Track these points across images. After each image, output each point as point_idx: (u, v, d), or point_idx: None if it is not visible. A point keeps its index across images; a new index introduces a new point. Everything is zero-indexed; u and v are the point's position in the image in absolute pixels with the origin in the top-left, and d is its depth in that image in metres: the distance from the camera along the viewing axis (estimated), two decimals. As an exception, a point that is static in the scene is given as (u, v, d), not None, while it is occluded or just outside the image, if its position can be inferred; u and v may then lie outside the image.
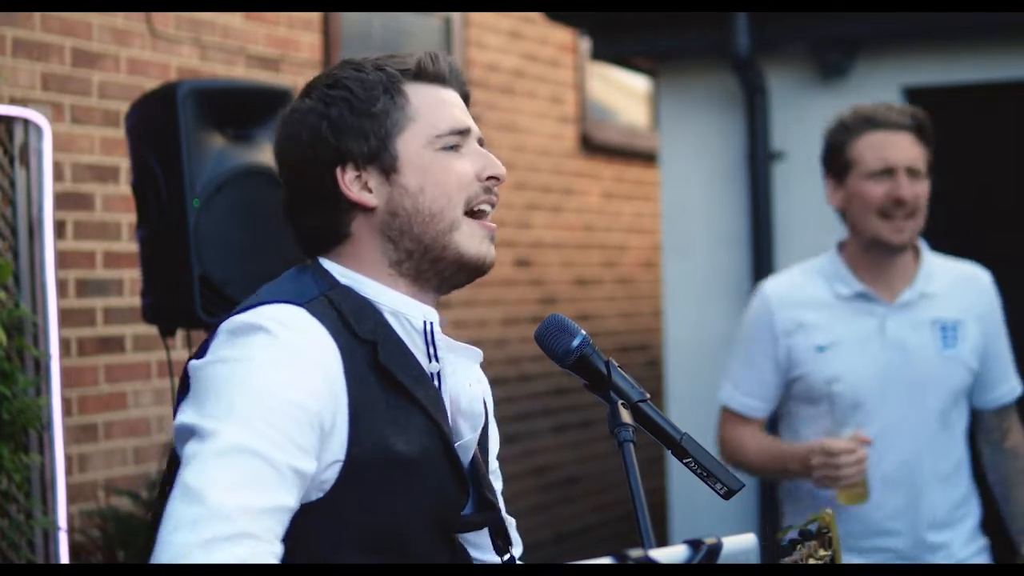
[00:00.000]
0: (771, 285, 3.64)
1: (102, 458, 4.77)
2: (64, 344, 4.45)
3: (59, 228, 4.45)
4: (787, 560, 2.17)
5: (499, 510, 2.04)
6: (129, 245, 4.76)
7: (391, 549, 1.88)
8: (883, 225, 3.43)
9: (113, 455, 4.81)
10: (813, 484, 3.35)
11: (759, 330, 3.58)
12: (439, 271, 1.98)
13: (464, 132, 2.00)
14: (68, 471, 4.14)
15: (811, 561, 2.19)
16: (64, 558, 3.87)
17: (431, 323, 1.97)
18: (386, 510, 1.87)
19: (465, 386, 2.01)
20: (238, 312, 1.89)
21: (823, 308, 3.52)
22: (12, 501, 3.81)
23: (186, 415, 1.80)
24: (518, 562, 2.15)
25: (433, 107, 1.99)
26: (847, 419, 3.39)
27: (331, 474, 1.83)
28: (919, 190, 3.45)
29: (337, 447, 1.83)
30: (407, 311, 1.96)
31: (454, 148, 1.98)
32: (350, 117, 1.96)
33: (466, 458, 2.01)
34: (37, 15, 4.59)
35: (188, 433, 1.77)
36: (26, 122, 3.97)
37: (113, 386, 4.81)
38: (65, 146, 4.62)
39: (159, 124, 3.85)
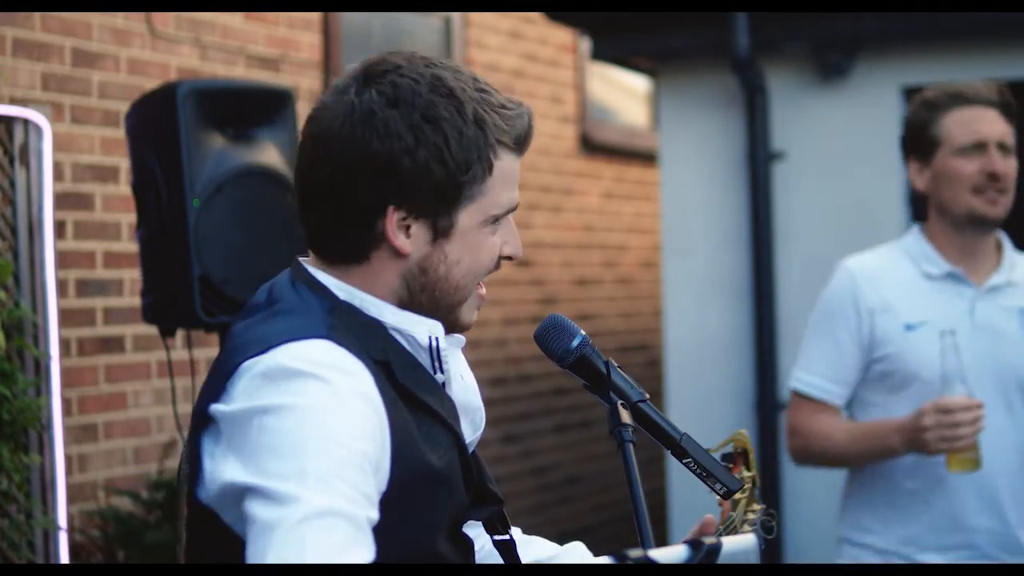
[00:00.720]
0: (855, 261, 3.46)
1: (102, 458, 4.77)
2: (64, 344, 4.45)
3: (59, 228, 4.45)
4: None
5: (503, 502, 2.04)
6: (129, 245, 4.76)
7: (422, 559, 1.86)
8: (977, 200, 3.33)
9: (113, 455, 4.81)
10: (926, 451, 3.15)
11: (842, 307, 3.39)
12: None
13: (514, 210, 1.93)
14: (68, 471, 4.14)
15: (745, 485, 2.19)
16: (64, 558, 3.87)
17: (436, 338, 1.92)
18: (420, 525, 1.85)
19: (458, 378, 1.98)
20: (260, 351, 1.78)
21: (911, 287, 3.38)
22: (12, 501, 3.81)
23: (235, 471, 1.71)
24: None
25: (504, 184, 1.89)
26: (952, 378, 3.15)
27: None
28: (1011, 166, 3.36)
29: (383, 478, 1.78)
30: (411, 328, 1.90)
31: (498, 222, 1.92)
32: (437, 169, 1.83)
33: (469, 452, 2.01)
34: (37, 15, 4.59)
35: (245, 492, 1.69)
36: (26, 122, 3.97)
37: (113, 386, 4.81)
38: (65, 146, 4.62)
39: (159, 124, 3.85)
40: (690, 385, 6.16)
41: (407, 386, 1.85)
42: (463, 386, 1.99)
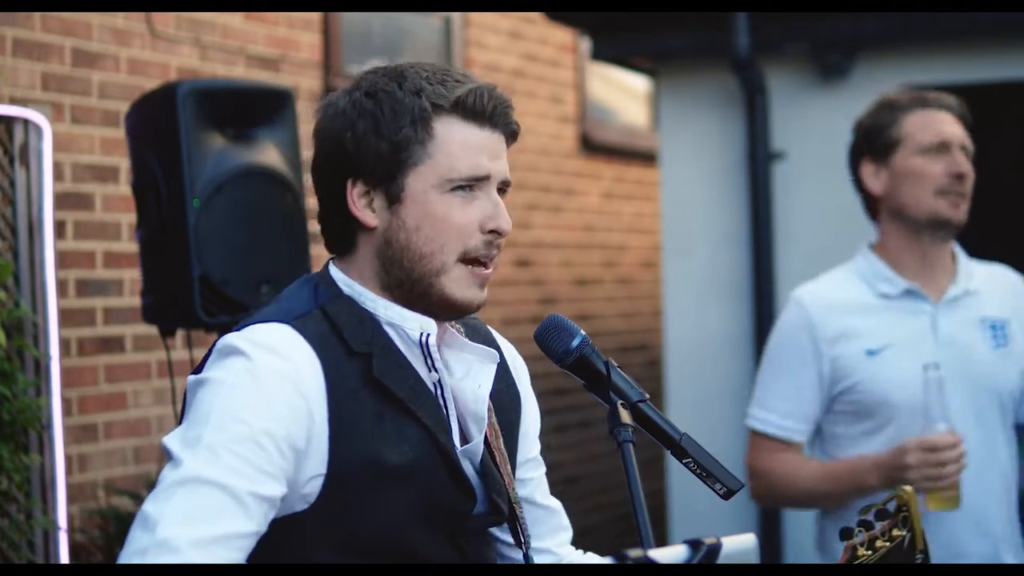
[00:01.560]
0: (806, 291, 3.32)
1: (102, 458, 4.76)
2: (64, 344, 4.45)
3: (59, 228, 4.45)
4: (848, 542, 2.12)
5: (504, 514, 2.06)
6: (129, 245, 4.76)
7: (385, 551, 1.92)
8: (940, 202, 3.20)
9: (113, 455, 4.80)
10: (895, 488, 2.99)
11: (797, 340, 3.26)
12: (426, 304, 1.99)
13: (482, 179, 1.97)
14: (68, 471, 4.14)
15: (878, 543, 2.12)
16: (64, 558, 3.87)
17: (427, 335, 1.97)
18: (375, 515, 1.90)
19: (474, 388, 2.02)
20: (235, 329, 1.93)
21: (868, 311, 3.25)
22: (12, 501, 3.81)
23: (172, 435, 1.86)
24: (559, 550, 2.21)
25: (457, 148, 1.95)
26: (935, 414, 3.02)
27: (314, 486, 1.88)
28: (971, 170, 3.25)
29: (317, 462, 1.87)
30: (403, 324, 1.97)
31: (467, 190, 1.96)
32: (373, 137, 1.95)
33: (475, 460, 2.02)
34: (37, 15, 4.58)
35: (168, 455, 1.84)
36: (26, 122, 3.97)
37: (113, 386, 4.81)
38: (65, 146, 4.62)
39: (159, 124, 3.85)
40: (690, 385, 6.16)
41: (381, 380, 1.92)
42: (476, 396, 2.02)
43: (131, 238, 4.72)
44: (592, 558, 2.26)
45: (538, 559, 2.18)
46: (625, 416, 1.90)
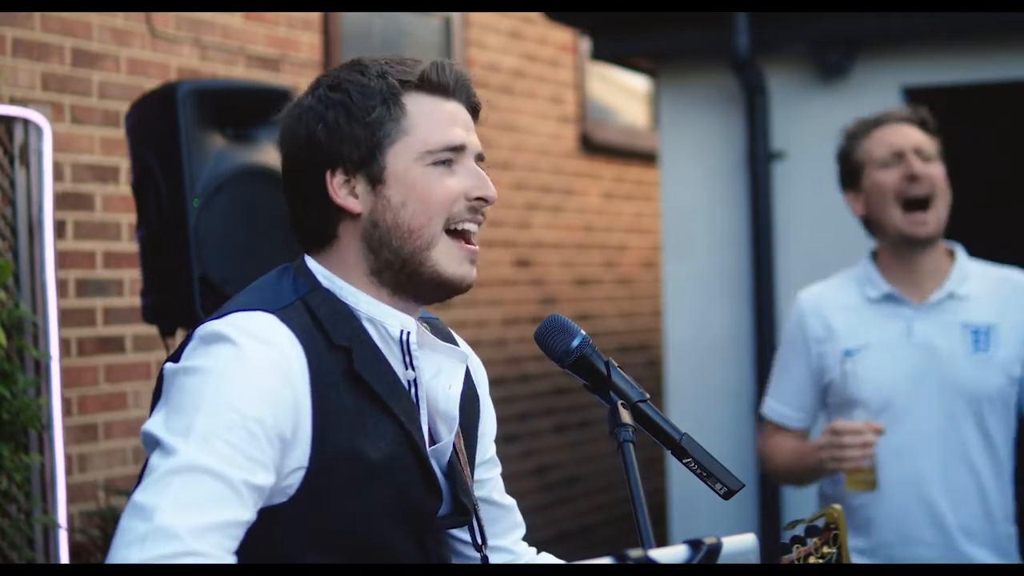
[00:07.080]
0: (805, 293, 3.63)
1: (102, 458, 4.77)
2: (64, 344, 4.45)
3: (59, 228, 4.45)
4: (783, 559, 2.17)
5: (471, 514, 2.07)
6: (129, 245, 4.76)
7: (357, 547, 1.91)
8: (904, 218, 3.41)
9: (113, 455, 4.81)
10: (823, 470, 3.31)
11: (793, 337, 3.58)
12: (416, 285, 2.00)
13: (459, 148, 1.99)
14: (68, 471, 4.14)
15: (811, 559, 2.18)
16: (64, 558, 3.87)
17: (408, 332, 1.98)
18: (351, 511, 1.90)
19: (445, 388, 2.03)
20: (214, 317, 1.91)
21: (852, 312, 3.50)
22: (12, 501, 3.81)
23: (154, 423, 1.82)
24: (515, 547, 2.22)
25: (430, 121, 1.98)
26: (852, 406, 3.29)
27: (294, 480, 1.87)
28: (932, 171, 3.42)
29: (300, 454, 1.86)
30: (384, 319, 1.97)
31: (446, 164, 1.98)
32: (345, 123, 1.96)
33: (442, 460, 2.03)
34: (37, 15, 4.58)
35: (153, 443, 1.81)
36: (26, 122, 3.97)
37: (113, 386, 4.81)
38: (65, 146, 4.62)
39: (159, 124, 3.85)
40: (690, 385, 6.16)
41: (362, 376, 1.92)
42: (446, 396, 2.03)
43: (131, 238, 4.72)
44: (546, 557, 2.27)
45: (495, 558, 2.19)
46: (625, 416, 1.90)
